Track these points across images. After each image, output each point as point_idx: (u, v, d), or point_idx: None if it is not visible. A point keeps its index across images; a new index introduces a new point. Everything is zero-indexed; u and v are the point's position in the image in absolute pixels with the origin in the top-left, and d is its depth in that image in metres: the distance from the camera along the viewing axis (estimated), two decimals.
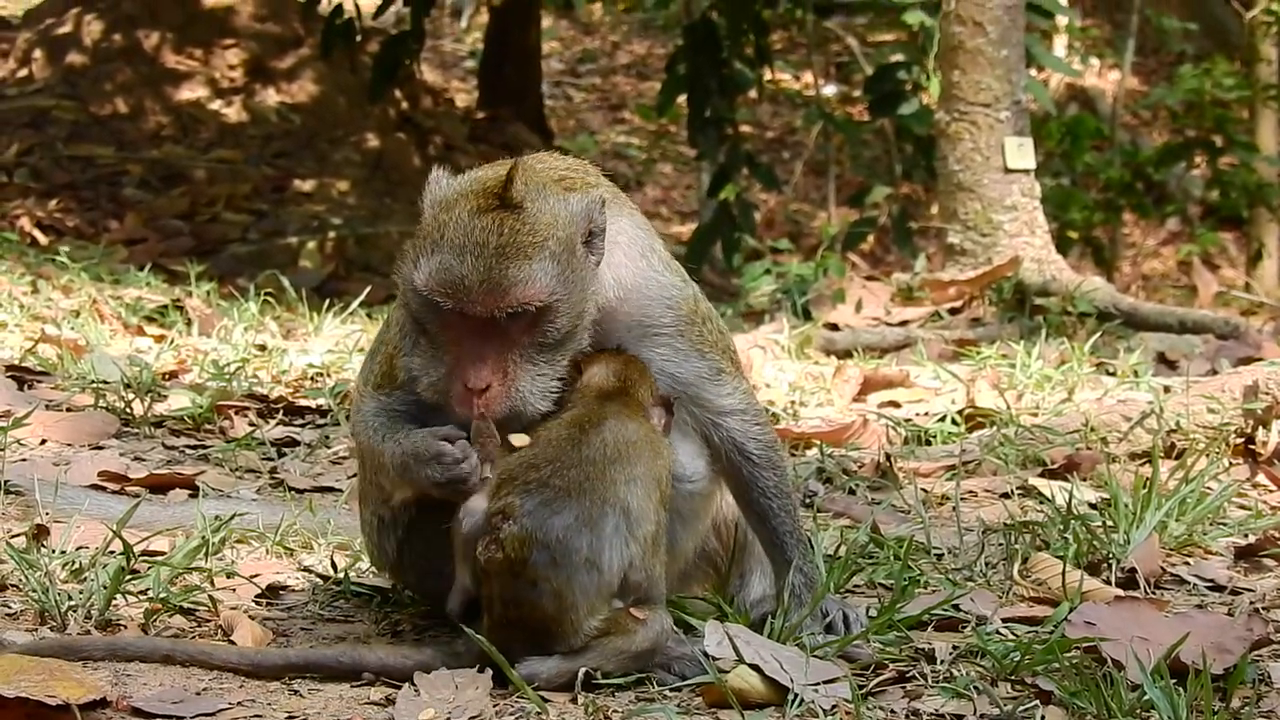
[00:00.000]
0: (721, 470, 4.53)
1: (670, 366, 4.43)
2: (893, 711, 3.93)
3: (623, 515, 4.03)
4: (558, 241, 4.13)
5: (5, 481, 5.74)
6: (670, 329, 4.43)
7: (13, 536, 5.15)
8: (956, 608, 4.64)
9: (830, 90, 26.62)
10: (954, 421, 7.59)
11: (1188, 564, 5.33)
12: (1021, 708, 3.90)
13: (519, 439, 4.12)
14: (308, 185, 20.19)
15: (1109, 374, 9.09)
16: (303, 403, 7.78)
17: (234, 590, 4.84)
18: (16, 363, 8.02)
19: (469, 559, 4.09)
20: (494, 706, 3.91)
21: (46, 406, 7.11)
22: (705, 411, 4.49)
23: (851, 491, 6.52)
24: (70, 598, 4.52)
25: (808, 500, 6.25)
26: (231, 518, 5.27)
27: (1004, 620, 4.59)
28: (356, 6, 17.92)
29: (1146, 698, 3.79)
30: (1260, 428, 6.73)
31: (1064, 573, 4.81)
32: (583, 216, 4.21)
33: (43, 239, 17.47)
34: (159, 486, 6.11)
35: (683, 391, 4.43)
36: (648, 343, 4.40)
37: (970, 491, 6.35)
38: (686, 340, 4.44)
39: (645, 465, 4.13)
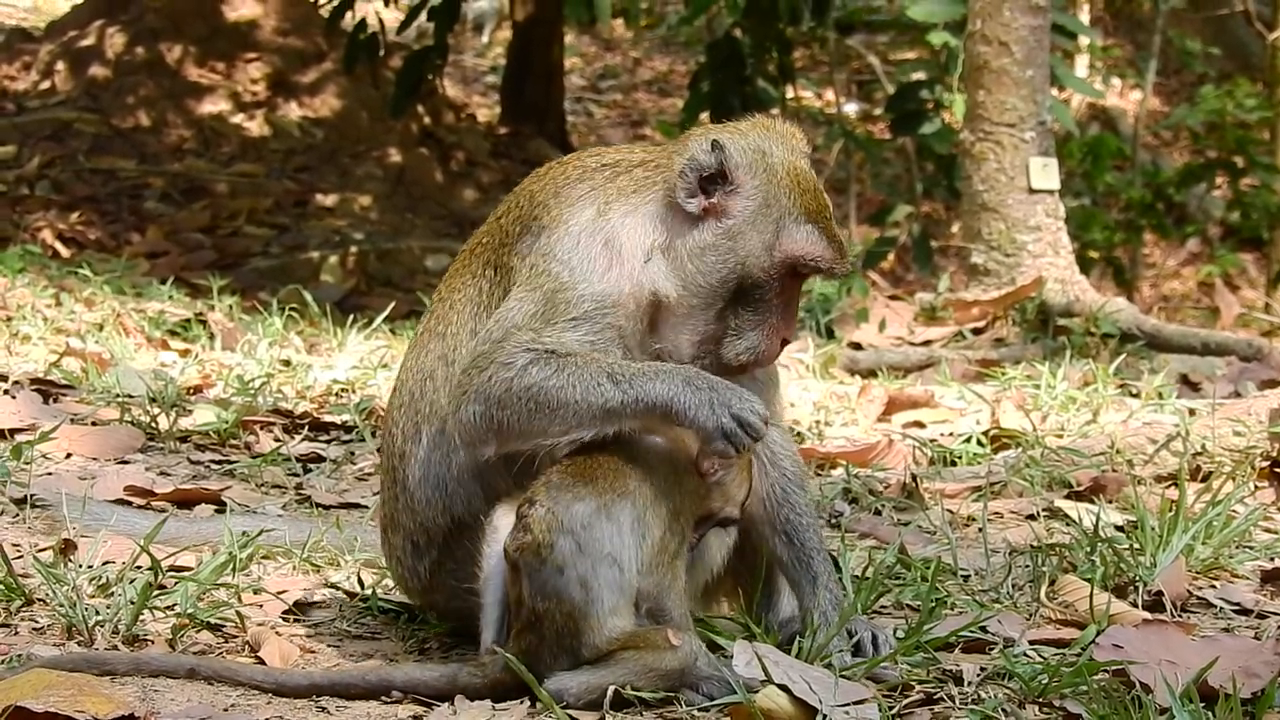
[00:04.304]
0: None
1: None
2: None
3: (633, 510, 4.07)
4: None
5: (31, 495, 5.75)
6: None
7: (40, 551, 5.16)
8: (984, 629, 4.64)
9: (852, 108, 26.62)
10: (979, 442, 7.57)
11: (1214, 587, 5.31)
12: None
13: None
14: (329, 200, 20.21)
15: (1132, 395, 9.05)
16: (328, 418, 7.78)
17: (261, 607, 4.85)
18: (41, 375, 8.04)
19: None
20: None
21: (72, 420, 7.14)
22: None
23: (877, 512, 6.51)
24: (97, 613, 4.53)
25: (834, 521, 6.25)
26: (259, 534, 5.28)
27: (1031, 642, 4.59)
28: (380, 21, 17.94)
29: None
30: None
31: (1091, 595, 4.80)
32: None
33: (64, 251, 17.51)
34: (185, 502, 6.13)
35: None
36: None
37: (996, 513, 6.33)
38: None
39: (661, 473, 4.21)
